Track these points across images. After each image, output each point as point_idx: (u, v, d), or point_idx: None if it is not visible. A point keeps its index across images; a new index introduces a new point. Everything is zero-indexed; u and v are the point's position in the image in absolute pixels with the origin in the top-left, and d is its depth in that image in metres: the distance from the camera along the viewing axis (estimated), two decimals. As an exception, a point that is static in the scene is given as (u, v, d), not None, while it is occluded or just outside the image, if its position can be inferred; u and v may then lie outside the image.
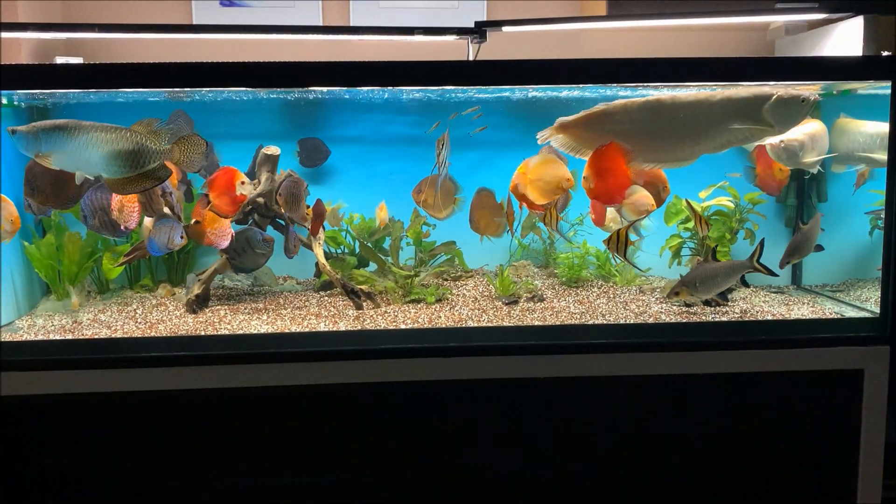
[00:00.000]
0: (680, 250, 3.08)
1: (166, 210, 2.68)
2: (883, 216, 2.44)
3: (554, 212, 2.66)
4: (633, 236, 2.58)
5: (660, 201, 2.70)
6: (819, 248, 2.83)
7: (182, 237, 2.67)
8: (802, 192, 3.18)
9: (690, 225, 3.05)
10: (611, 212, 2.85)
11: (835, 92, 2.86)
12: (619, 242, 2.53)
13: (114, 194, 2.52)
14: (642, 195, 2.63)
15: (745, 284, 2.74)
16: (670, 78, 2.39)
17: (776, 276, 2.64)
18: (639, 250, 2.75)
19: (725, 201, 3.00)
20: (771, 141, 2.72)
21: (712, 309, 2.70)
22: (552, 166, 2.61)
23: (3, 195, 2.51)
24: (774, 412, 2.45)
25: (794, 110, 2.40)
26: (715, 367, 2.39)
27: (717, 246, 2.80)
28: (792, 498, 2.48)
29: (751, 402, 2.44)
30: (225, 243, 2.70)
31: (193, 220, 2.76)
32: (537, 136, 2.56)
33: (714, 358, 2.39)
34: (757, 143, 2.85)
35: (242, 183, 2.68)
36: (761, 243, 2.59)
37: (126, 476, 2.34)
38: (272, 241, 2.83)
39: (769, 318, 2.63)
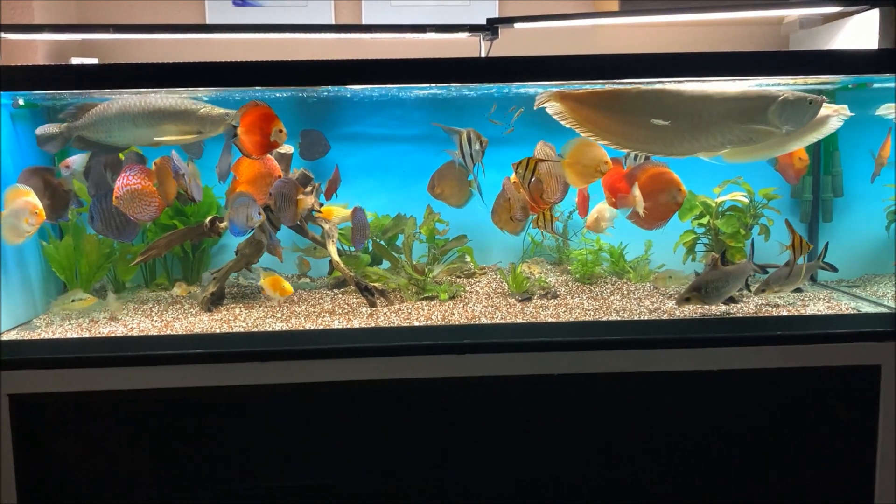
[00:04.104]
0: (694, 246, 3.07)
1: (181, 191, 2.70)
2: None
3: (548, 214, 2.69)
4: (557, 213, 2.80)
5: (676, 205, 2.62)
6: (833, 268, 2.83)
7: (260, 213, 2.62)
8: (818, 187, 3.16)
9: (704, 220, 3.03)
10: (599, 209, 2.86)
11: (850, 86, 2.84)
12: (546, 220, 2.71)
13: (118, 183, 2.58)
14: (633, 197, 2.62)
15: (748, 288, 2.78)
16: (684, 73, 2.37)
17: (766, 273, 2.77)
18: (559, 223, 2.88)
19: (740, 196, 2.98)
20: None
21: (727, 305, 2.68)
22: (590, 149, 2.54)
23: (26, 188, 2.49)
24: (790, 408, 2.43)
25: (800, 111, 2.38)
26: (730, 364, 2.37)
27: (725, 251, 2.78)
28: (809, 496, 2.46)
29: (767, 398, 2.42)
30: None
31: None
32: (536, 99, 2.51)
33: (729, 354, 2.38)
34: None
35: (280, 131, 2.55)
36: (752, 245, 2.68)
37: (141, 473, 2.36)
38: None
39: (785, 313, 2.61)
